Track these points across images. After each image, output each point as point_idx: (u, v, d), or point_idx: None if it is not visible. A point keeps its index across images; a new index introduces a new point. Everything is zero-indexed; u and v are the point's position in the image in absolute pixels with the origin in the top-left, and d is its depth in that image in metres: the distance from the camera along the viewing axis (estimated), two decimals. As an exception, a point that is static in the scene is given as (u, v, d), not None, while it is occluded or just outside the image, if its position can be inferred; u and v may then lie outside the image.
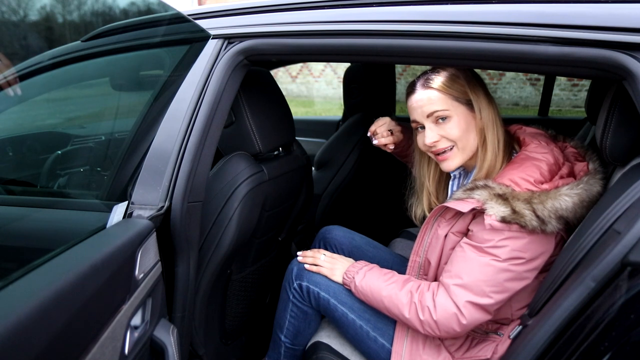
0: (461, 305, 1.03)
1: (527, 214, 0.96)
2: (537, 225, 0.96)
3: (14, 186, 1.42)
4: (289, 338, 1.38)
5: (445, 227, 1.14)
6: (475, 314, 1.03)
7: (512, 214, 0.96)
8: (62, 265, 0.75)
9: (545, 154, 1.05)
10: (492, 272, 1.01)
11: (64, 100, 1.64)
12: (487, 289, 1.01)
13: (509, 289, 1.02)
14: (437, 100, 1.10)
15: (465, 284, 1.03)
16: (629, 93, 0.83)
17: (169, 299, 1.11)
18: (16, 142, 1.60)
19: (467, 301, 1.03)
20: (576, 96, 7.22)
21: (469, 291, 1.03)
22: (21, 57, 1.23)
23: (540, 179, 1.01)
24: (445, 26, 0.92)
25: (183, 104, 1.09)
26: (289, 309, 1.36)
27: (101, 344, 0.77)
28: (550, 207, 0.96)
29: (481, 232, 1.03)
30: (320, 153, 2.39)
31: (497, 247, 1.00)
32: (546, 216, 0.95)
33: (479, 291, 1.02)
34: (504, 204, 0.98)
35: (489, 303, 1.02)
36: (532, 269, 1.02)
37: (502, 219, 0.97)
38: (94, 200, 1.22)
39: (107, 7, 1.28)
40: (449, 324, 1.05)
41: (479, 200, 1.02)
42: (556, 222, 0.96)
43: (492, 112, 1.11)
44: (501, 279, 1.01)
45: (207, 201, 1.24)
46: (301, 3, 1.09)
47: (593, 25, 0.83)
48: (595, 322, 0.74)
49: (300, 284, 1.32)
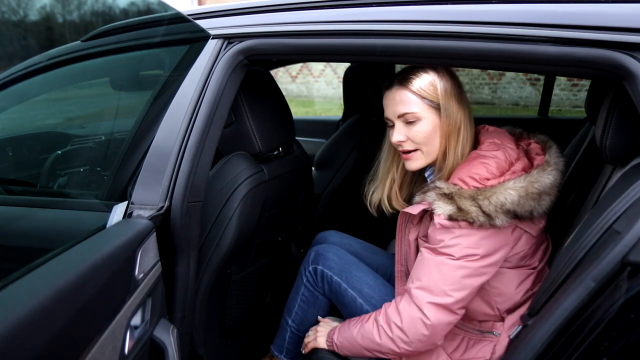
0: (423, 307, 1.04)
1: (473, 210, 0.98)
2: (484, 221, 0.98)
3: (14, 186, 1.42)
4: (296, 323, 1.44)
5: (414, 232, 1.17)
6: (439, 314, 1.04)
7: (457, 211, 0.99)
8: (62, 265, 0.75)
9: (496, 151, 1.06)
10: (448, 271, 1.02)
11: (64, 100, 1.64)
12: (446, 287, 1.02)
13: (467, 285, 1.03)
14: (410, 103, 1.09)
15: (424, 285, 1.04)
16: (629, 93, 0.83)
17: (169, 299, 1.11)
18: (16, 142, 1.60)
19: (428, 302, 1.04)
20: (576, 96, 7.22)
21: (428, 292, 1.04)
22: (21, 57, 1.23)
23: (485, 176, 1.02)
24: (445, 26, 0.92)
25: (183, 104, 1.09)
26: (301, 292, 1.42)
27: (101, 344, 0.77)
28: (495, 202, 0.97)
29: (434, 232, 1.05)
30: (320, 153, 2.39)
31: (449, 246, 1.02)
32: (492, 211, 0.97)
33: (438, 291, 1.03)
34: (450, 202, 1.01)
35: (450, 302, 1.03)
36: (488, 264, 1.03)
37: (449, 217, 1.00)
38: (93, 200, 1.22)
39: (107, 7, 1.28)
40: (417, 329, 1.05)
41: (429, 202, 1.05)
42: (504, 216, 0.98)
43: (462, 117, 1.10)
44: (458, 276, 1.02)
45: (207, 201, 1.24)
46: (301, 3, 1.09)
47: (593, 25, 0.83)
48: (595, 322, 0.74)
49: (315, 268, 1.37)
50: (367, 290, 1.30)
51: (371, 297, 1.29)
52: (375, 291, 1.31)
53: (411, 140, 1.12)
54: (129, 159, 1.14)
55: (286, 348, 1.48)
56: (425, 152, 1.12)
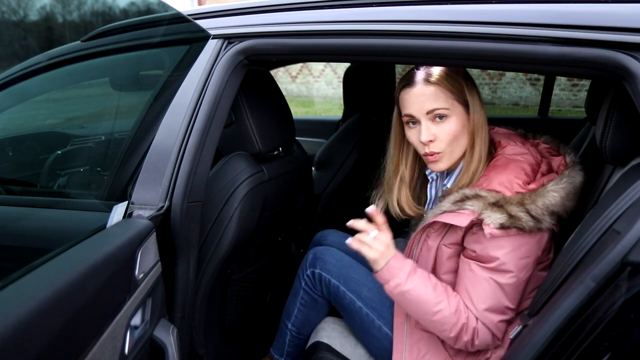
0: (494, 329, 1.06)
1: (523, 216, 0.97)
2: (533, 225, 0.98)
3: (14, 186, 1.42)
4: (296, 326, 1.42)
5: (436, 238, 1.13)
6: (503, 326, 1.08)
7: (509, 219, 0.97)
8: (62, 265, 0.75)
9: (525, 154, 1.06)
10: (510, 289, 1.04)
11: (64, 100, 1.64)
12: (509, 303, 1.05)
13: (521, 289, 1.07)
14: (440, 98, 1.06)
15: (491, 307, 1.04)
16: (629, 93, 0.83)
17: (169, 299, 1.11)
18: (16, 142, 1.60)
19: (498, 321, 1.06)
20: (576, 96, 7.22)
21: (497, 313, 1.05)
22: (21, 57, 1.23)
23: (526, 180, 1.02)
24: (445, 26, 0.92)
25: (183, 104, 1.09)
26: (300, 296, 1.39)
27: (101, 344, 0.77)
28: (541, 205, 0.98)
29: (485, 248, 1.02)
30: (320, 153, 2.39)
31: (505, 262, 1.01)
32: (540, 214, 0.98)
33: (504, 309, 1.05)
34: (499, 210, 0.98)
35: (513, 311, 1.07)
36: (534, 269, 1.07)
37: (500, 225, 0.98)
38: (93, 200, 1.22)
39: (107, 7, 1.28)
40: (487, 344, 1.08)
41: (474, 212, 1.01)
42: (549, 219, 0.99)
43: (484, 114, 1.10)
44: (519, 289, 1.05)
45: (207, 201, 1.24)
46: (301, 3, 1.09)
47: (593, 25, 0.83)
48: (595, 322, 0.74)
49: (313, 271, 1.35)
50: (366, 292, 1.28)
51: (370, 299, 1.27)
52: (374, 293, 1.28)
53: (439, 139, 1.08)
54: (129, 159, 1.14)
55: (287, 351, 1.46)
56: (449, 152, 1.09)
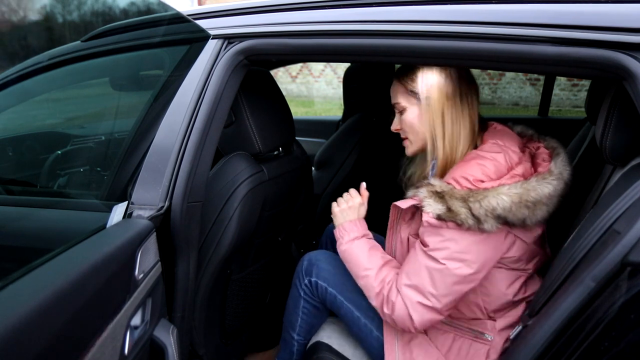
0: (412, 307, 1.04)
1: (463, 212, 0.96)
2: (472, 224, 0.96)
3: (14, 186, 1.42)
4: (302, 335, 1.39)
5: (405, 229, 1.16)
6: (425, 314, 1.04)
7: (447, 212, 0.97)
8: (62, 265, 0.75)
9: (497, 153, 1.04)
10: (437, 277, 1.01)
11: (64, 100, 1.64)
12: (435, 291, 1.02)
13: (456, 291, 1.02)
14: (397, 94, 1.18)
15: (414, 284, 1.04)
16: (629, 93, 0.83)
17: (169, 299, 1.11)
18: (16, 142, 1.60)
19: (417, 302, 1.04)
20: (576, 96, 7.22)
21: (418, 292, 1.04)
22: (21, 57, 1.23)
23: (480, 178, 1.00)
24: (445, 26, 0.92)
25: (183, 104, 1.09)
26: (301, 306, 1.37)
27: (101, 344, 0.77)
28: (486, 206, 0.95)
29: (423, 232, 1.05)
30: (320, 153, 2.39)
31: (438, 249, 1.01)
32: (482, 215, 0.95)
33: (427, 293, 1.03)
34: (441, 202, 0.98)
35: (438, 306, 1.03)
36: (478, 271, 1.01)
37: (437, 216, 0.98)
38: (93, 200, 1.22)
39: (107, 7, 1.28)
40: (404, 323, 1.07)
41: (420, 199, 1.03)
42: (494, 221, 0.96)
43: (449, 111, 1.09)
44: (447, 282, 1.01)
45: (207, 201, 1.24)
46: (301, 3, 1.09)
47: (593, 25, 0.83)
48: (595, 322, 0.74)
49: (310, 280, 1.34)
50: (364, 302, 1.23)
51: (367, 308, 1.24)
52: None
53: (402, 129, 1.19)
54: (129, 159, 1.14)
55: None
56: (413, 140, 1.18)
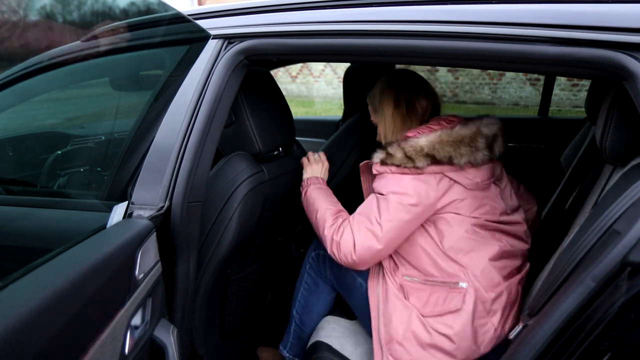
0: (356, 230, 1.22)
1: (399, 153, 1.19)
2: (408, 163, 1.18)
3: (14, 186, 1.42)
4: (299, 312, 1.53)
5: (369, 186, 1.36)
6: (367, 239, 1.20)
7: (387, 156, 1.22)
8: (62, 265, 0.75)
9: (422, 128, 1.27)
10: (383, 206, 1.20)
11: (64, 100, 1.64)
12: (377, 215, 1.20)
13: (397, 219, 1.18)
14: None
15: (361, 212, 1.25)
16: (629, 93, 0.83)
17: (169, 299, 1.11)
18: (16, 142, 1.60)
19: (363, 226, 1.21)
20: (576, 96, 7.22)
21: (365, 217, 1.23)
22: (21, 57, 1.23)
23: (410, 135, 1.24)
24: (445, 26, 0.92)
25: (183, 104, 1.09)
26: (304, 280, 1.53)
27: (101, 344, 0.77)
28: (414, 146, 1.18)
29: (375, 182, 1.27)
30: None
31: (383, 187, 1.22)
32: (413, 154, 1.17)
33: (372, 219, 1.21)
34: (382, 151, 1.24)
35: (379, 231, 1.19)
36: (416, 203, 1.18)
37: (381, 160, 1.23)
38: (94, 200, 1.22)
39: (107, 7, 1.28)
40: (347, 247, 1.22)
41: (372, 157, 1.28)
42: (423, 159, 1.17)
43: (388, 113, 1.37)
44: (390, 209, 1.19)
45: (207, 201, 1.24)
46: (301, 3, 1.09)
47: (593, 25, 0.83)
48: (595, 322, 0.74)
49: (317, 253, 1.49)
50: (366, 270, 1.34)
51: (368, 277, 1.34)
52: None
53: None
54: (129, 159, 1.14)
55: (290, 342, 1.55)
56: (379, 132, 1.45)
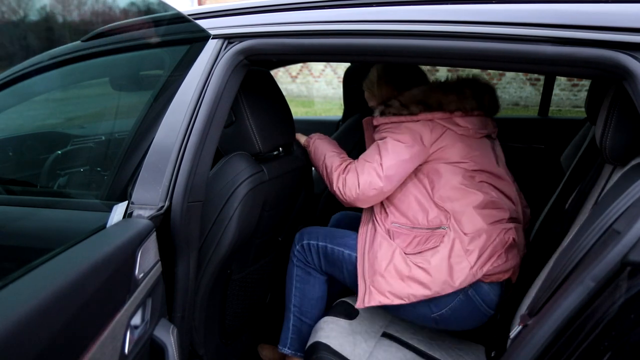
0: (360, 168, 1.37)
1: (395, 104, 1.39)
2: (402, 110, 1.37)
3: (14, 186, 1.42)
4: (297, 305, 1.54)
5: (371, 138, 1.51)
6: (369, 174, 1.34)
7: (385, 107, 1.42)
8: (62, 265, 0.75)
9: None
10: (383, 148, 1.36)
11: (64, 100, 1.64)
12: (379, 157, 1.35)
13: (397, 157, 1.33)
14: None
15: (367, 154, 1.40)
16: (629, 93, 0.83)
17: (169, 299, 1.11)
18: (16, 142, 1.60)
19: (367, 163, 1.37)
20: (576, 96, 7.22)
21: (368, 158, 1.38)
22: (21, 57, 1.23)
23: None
24: (445, 26, 0.92)
25: (183, 104, 1.09)
26: (294, 274, 1.55)
27: (101, 344, 0.77)
28: (408, 96, 1.39)
29: (376, 134, 1.43)
30: (320, 153, 2.39)
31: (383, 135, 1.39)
32: (408, 102, 1.38)
33: (375, 158, 1.36)
34: (381, 106, 1.44)
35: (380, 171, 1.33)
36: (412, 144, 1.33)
37: (380, 112, 1.42)
38: (93, 200, 1.22)
39: (107, 7, 1.28)
40: (352, 182, 1.37)
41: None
42: (416, 106, 1.36)
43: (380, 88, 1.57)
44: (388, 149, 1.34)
45: (207, 201, 1.24)
46: (301, 3, 1.09)
47: (593, 25, 0.83)
48: (595, 322, 0.74)
49: (302, 244, 1.53)
50: (351, 241, 1.45)
51: (355, 245, 1.43)
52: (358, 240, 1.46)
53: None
54: (129, 159, 1.14)
55: (290, 338, 1.55)
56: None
